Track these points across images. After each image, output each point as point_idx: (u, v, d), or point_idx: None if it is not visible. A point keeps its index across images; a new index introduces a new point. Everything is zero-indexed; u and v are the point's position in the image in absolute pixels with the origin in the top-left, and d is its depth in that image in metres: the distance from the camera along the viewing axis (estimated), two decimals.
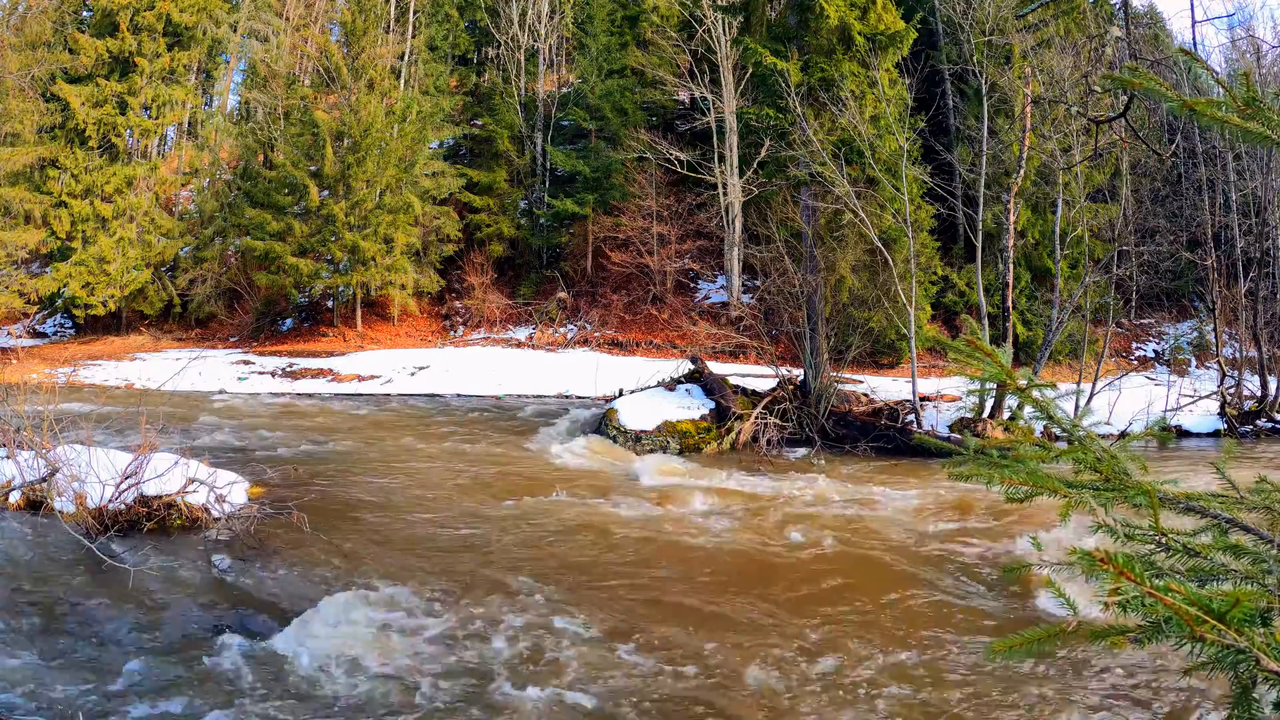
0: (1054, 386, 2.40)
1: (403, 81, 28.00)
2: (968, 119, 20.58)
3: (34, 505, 7.71)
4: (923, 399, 14.15)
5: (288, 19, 30.40)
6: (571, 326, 25.72)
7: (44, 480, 7.71)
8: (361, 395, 18.43)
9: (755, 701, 4.94)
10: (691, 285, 26.50)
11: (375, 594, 6.31)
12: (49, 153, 23.99)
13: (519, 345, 24.66)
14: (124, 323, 25.96)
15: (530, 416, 15.86)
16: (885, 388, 15.79)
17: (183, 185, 28.04)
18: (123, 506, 7.40)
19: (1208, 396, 16.10)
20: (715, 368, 15.57)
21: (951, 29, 22.92)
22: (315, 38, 29.72)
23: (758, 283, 22.48)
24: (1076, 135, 15.42)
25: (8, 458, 8.00)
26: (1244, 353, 17.91)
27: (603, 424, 13.19)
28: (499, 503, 9.25)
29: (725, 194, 24.39)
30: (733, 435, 13.00)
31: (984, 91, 16.09)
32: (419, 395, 18.40)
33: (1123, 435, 11.21)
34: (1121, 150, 17.36)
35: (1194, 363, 21.72)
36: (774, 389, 13.87)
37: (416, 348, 24.04)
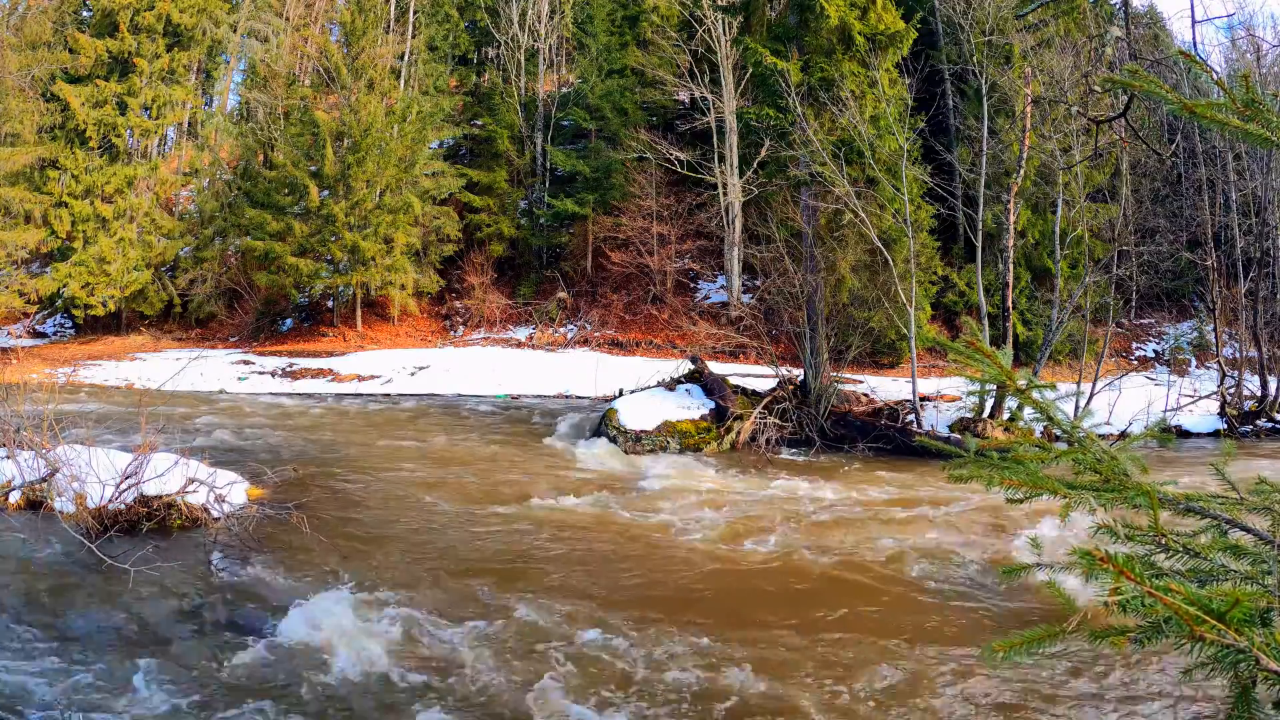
0: (1054, 387, 2.40)
1: (403, 81, 27.99)
2: (968, 119, 20.57)
3: (34, 505, 7.71)
4: (923, 399, 14.15)
5: (288, 19, 30.39)
6: (571, 326, 25.72)
7: (44, 480, 7.71)
8: (361, 395, 18.42)
9: (758, 704, 4.94)
10: (691, 285, 26.49)
11: (373, 595, 6.32)
12: (49, 153, 23.98)
13: (519, 345, 24.66)
14: (124, 323, 25.96)
15: (530, 417, 15.86)
16: (885, 388, 15.79)
17: (183, 185, 28.03)
18: (123, 506, 7.40)
19: (1208, 396, 16.10)
20: (715, 368, 15.57)
21: (951, 29, 22.92)
22: (315, 38, 29.73)
23: (758, 283, 22.48)
24: (1076, 135, 15.41)
25: (8, 458, 8.00)
26: (1244, 353, 17.91)
27: (603, 424, 13.18)
28: (497, 504, 9.25)
29: (725, 194, 24.38)
30: (733, 435, 13.00)
31: (984, 91, 16.09)
32: (419, 395, 18.40)
33: (1123, 435, 11.22)
34: (1121, 150, 17.35)
35: (1194, 363, 21.72)
36: (774, 389, 13.87)
37: (416, 348, 24.04)
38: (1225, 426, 15.15)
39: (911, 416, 13.39)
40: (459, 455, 12.02)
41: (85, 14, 27.12)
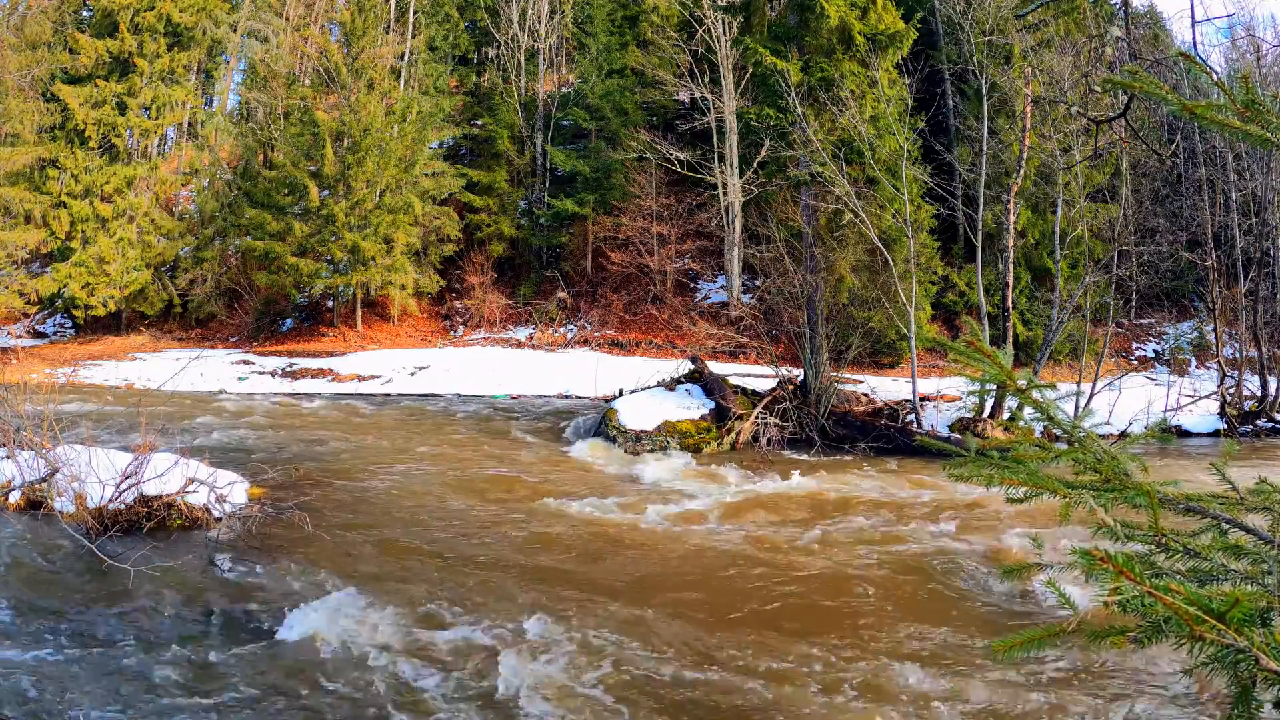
0: (1054, 387, 2.40)
1: (403, 81, 27.99)
2: (968, 119, 20.57)
3: (34, 505, 7.71)
4: (923, 399, 14.15)
5: (288, 19, 30.38)
6: (571, 326, 25.72)
7: (44, 480, 7.72)
8: (361, 395, 18.42)
9: (758, 706, 4.94)
10: (691, 285, 26.49)
11: (374, 594, 6.32)
12: (49, 153, 23.98)
13: (519, 345, 24.66)
14: (124, 323, 25.96)
15: (530, 417, 15.86)
16: (885, 388, 15.79)
17: (183, 185, 28.02)
18: (123, 506, 7.40)
19: (1208, 396, 16.10)
20: (715, 368, 15.57)
21: (951, 29, 22.91)
22: (315, 38, 29.71)
23: (758, 283, 22.48)
24: (1076, 135, 15.41)
25: (8, 458, 8.00)
26: (1244, 353, 17.91)
27: (603, 424, 13.18)
28: (497, 504, 9.26)
29: (725, 194, 24.39)
30: (733, 435, 13.00)
31: (984, 91, 16.09)
32: (419, 395, 18.40)
33: (1123, 435, 11.21)
34: (1121, 150, 17.34)
35: (1194, 363, 21.72)
36: (774, 389, 13.87)
37: (416, 348, 24.04)
38: (1225, 426, 15.15)
39: (911, 416, 13.39)
40: (458, 455, 12.02)
41: (85, 14, 27.11)
